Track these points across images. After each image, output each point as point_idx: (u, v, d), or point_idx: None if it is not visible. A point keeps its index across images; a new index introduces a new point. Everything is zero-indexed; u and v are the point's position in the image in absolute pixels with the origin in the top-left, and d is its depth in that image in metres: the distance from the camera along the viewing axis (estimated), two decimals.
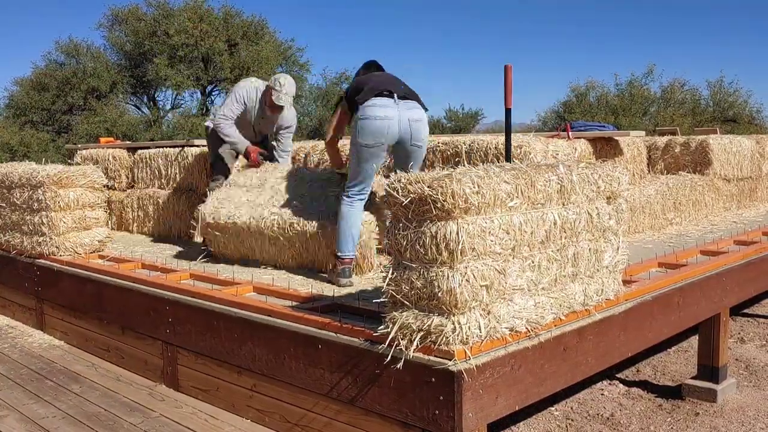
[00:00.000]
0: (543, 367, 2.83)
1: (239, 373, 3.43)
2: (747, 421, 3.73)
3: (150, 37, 21.18)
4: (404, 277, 2.56)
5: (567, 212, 2.85)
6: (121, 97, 22.61)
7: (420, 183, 2.47)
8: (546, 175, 2.76)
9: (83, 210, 5.08)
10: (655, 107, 24.24)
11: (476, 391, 2.53)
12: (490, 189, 2.51)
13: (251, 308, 3.35)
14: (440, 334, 2.48)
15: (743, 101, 23.92)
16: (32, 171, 5.13)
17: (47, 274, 5.00)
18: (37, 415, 3.56)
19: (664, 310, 3.58)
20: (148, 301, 3.98)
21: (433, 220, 2.45)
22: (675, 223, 5.99)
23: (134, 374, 4.15)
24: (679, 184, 6.15)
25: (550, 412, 3.88)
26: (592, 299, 3.04)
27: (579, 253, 2.93)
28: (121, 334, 4.27)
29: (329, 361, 2.95)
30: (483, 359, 2.55)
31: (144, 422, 3.43)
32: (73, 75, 21.35)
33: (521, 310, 2.67)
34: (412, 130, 3.81)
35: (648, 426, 3.70)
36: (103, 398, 3.77)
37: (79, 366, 4.35)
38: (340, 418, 2.95)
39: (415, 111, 3.85)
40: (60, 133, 21.55)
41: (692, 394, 4.05)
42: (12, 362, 4.43)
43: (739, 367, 4.59)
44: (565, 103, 25.11)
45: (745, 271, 4.31)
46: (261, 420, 3.33)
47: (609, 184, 3.05)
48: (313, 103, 24.59)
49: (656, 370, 4.56)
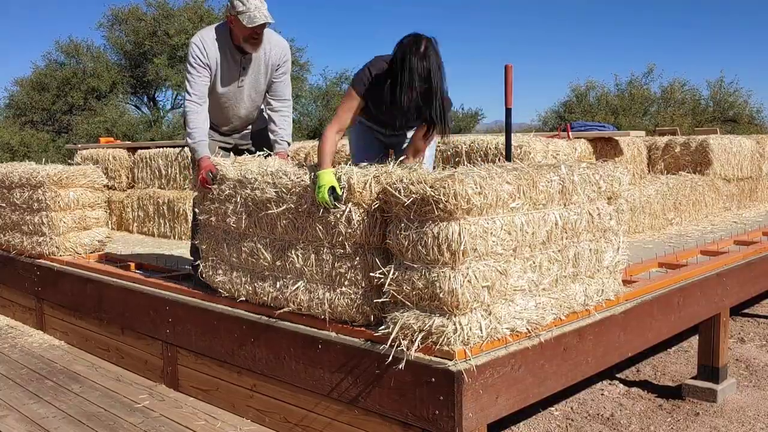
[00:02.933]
0: (543, 367, 2.83)
1: (239, 373, 3.43)
2: (747, 421, 3.73)
3: (150, 37, 21.19)
4: (405, 278, 2.56)
5: (568, 213, 2.85)
6: (121, 97, 22.64)
7: (422, 183, 2.46)
8: (548, 175, 2.76)
9: (83, 210, 5.08)
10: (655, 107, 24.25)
11: (476, 392, 2.53)
12: (492, 189, 2.51)
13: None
14: (441, 335, 2.48)
15: (743, 101, 23.94)
16: (32, 171, 5.13)
17: (47, 274, 5.00)
18: (37, 415, 3.56)
19: (664, 310, 3.58)
20: (148, 301, 3.98)
21: (435, 221, 2.45)
22: (675, 223, 5.99)
23: (134, 374, 4.15)
24: (680, 184, 6.16)
25: (550, 413, 3.88)
26: (592, 299, 3.04)
27: (580, 253, 2.93)
28: (121, 334, 4.27)
29: (330, 361, 2.95)
30: (483, 359, 2.55)
31: (144, 422, 3.43)
32: (73, 75, 21.37)
33: (522, 310, 2.67)
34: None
35: (648, 426, 3.70)
36: (103, 398, 3.77)
37: (79, 366, 4.35)
38: (341, 418, 2.95)
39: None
40: (60, 133, 21.56)
41: (692, 394, 4.05)
42: (12, 362, 4.43)
43: (740, 367, 4.59)
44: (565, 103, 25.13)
45: (745, 271, 4.31)
46: (261, 420, 3.33)
47: (610, 185, 3.06)
48: (313, 103, 24.59)
49: (656, 370, 4.57)
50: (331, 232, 2.86)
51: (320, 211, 2.88)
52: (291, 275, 3.08)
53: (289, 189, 3.01)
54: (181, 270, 4.33)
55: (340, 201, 2.81)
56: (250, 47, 3.64)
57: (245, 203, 3.23)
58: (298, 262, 3.02)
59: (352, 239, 2.80)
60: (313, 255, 2.97)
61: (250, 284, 3.28)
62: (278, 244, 3.12)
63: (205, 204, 3.48)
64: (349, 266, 2.84)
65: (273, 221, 3.11)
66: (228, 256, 3.39)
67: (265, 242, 3.18)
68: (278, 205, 3.06)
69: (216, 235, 3.46)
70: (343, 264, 2.85)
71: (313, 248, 2.97)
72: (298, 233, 3.02)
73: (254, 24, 3.50)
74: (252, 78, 3.80)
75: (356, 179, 2.75)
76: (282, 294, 3.11)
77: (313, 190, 2.89)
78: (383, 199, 2.71)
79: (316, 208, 2.89)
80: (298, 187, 2.98)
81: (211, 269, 3.51)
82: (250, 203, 3.21)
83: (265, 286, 3.20)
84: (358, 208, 2.77)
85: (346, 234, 2.80)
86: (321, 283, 2.96)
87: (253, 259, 3.23)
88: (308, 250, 2.99)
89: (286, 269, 3.09)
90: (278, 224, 3.08)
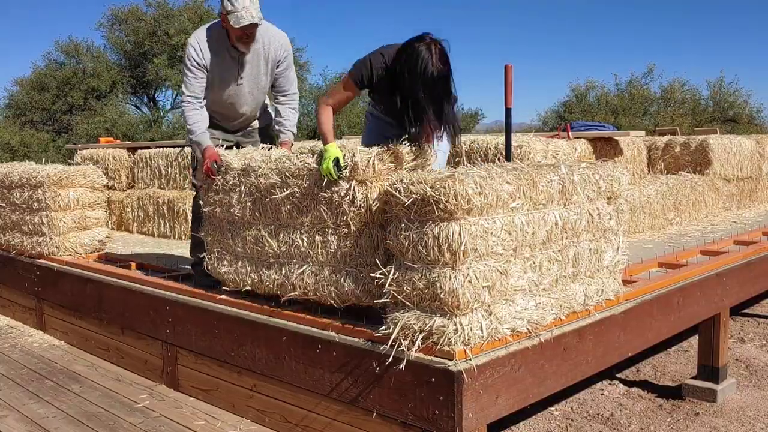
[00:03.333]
0: (543, 367, 2.84)
1: (239, 373, 3.43)
2: (747, 421, 3.73)
3: (150, 37, 21.18)
4: (406, 278, 2.56)
5: (568, 213, 2.85)
6: (121, 97, 22.62)
7: (422, 183, 2.47)
8: (548, 175, 2.77)
9: (83, 210, 5.08)
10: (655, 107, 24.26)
11: (476, 391, 2.53)
12: (493, 190, 2.51)
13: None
14: (442, 335, 2.48)
15: (743, 101, 23.94)
16: (32, 171, 5.13)
17: (47, 274, 5.00)
18: (37, 415, 3.56)
19: (664, 310, 3.58)
20: (148, 301, 3.98)
21: (436, 221, 2.45)
22: (675, 223, 5.99)
23: (134, 374, 4.15)
24: (679, 184, 6.16)
25: (550, 412, 3.88)
26: (592, 299, 3.04)
27: (580, 253, 2.94)
28: (121, 334, 4.27)
29: (330, 361, 2.95)
30: (483, 359, 2.55)
31: (144, 422, 3.43)
32: (73, 75, 21.35)
33: (522, 310, 2.67)
34: None
35: (648, 426, 3.70)
36: (103, 398, 3.77)
37: (79, 366, 4.35)
38: (341, 418, 2.95)
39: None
40: (60, 133, 21.55)
41: (692, 394, 4.05)
42: (12, 362, 4.43)
43: (739, 367, 4.59)
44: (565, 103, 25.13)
45: (745, 271, 4.31)
46: (261, 420, 3.33)
47: (610, 185, 3.06)
48: (313, 103, 24.57)
49: (656, 370, 4.57)
50: (336, 212, 2.89)
51: (324, 182, 2.91)
52: (296, 260, 3.11)
53: (293, 173, 3.05)
54: (181, 270, 4.33)
55: (343, 173, 2.84)
56: (243, 46, 3.64)
57: (249, 191, 3.26)
58: (303, 246, 3.04)
59: (356, 218, 2.83)
60: (318, 237, 2.99)
61: (255, 273, 3.30)
62: (283, 229, 3.15)
63: (209, 195, 3.49)
64: (354, 244, 2.86)
65: (277, 207, 3.13)
66: (233, 246, 3.40)
67: (270, 229, 3.20)
68: (282, 190, 3.08)
69: (221, 226, 3.47)
70: (348, 242, 2.88)
71: (318, 230, 3.00)
72: (302, 217, 3.04)
73: (240, 24, 3.48)
74: (251, 74, 3.77)
75: (360, 156, 2.79)
76: (288, 280, 3.13)
77: (319, 164, 2.93)
78: (383, 200, 2.72)
79: (320, 188, 2.93)
80: (302, 171, 3.02)
81: (216, 261, 3.52)
82: (254, 191, 3.24)
83: (270, 273, 3.22)
84: (362, 186, 2.79)
85: (351, 213, 2.83)
86: (326, 265, 2.98)
87: (259, 247, 3.25)
88: (313, 233, 3.01)
89: (292, 254, 3.11)
90: (282, 209, 3.11)
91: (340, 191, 2.87)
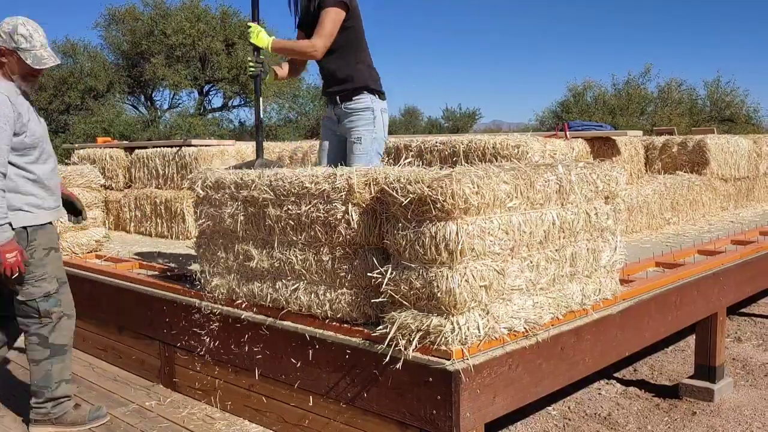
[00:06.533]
0: (540, 366, 2.84)
1: (237, 372, 3.42)
2: (744, 420, 3.74)
3: (147, 36, 21.16)
4: (403, 278, 2.56)
5: (565, 212, 2.85)
6: (119, 96, 22.58)
7: (419, 183, 2.46)
8: (545, 175, 2.77)
9: None
10: (653, 107, 24.32)
11: (474, 391, 2.54)
12: (490, 189, 2.51)
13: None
14: (439, 335, 2.48)
15: (740, 101, 24.02)
16: None
17: None
18: None
19: (662, 309, 3.59)
20: (146, 301, 3.97)
21: (433, 221, 2.45)
22: (672, 223, 6.00)
23: (132, 374, 4.14)
24: (677, 183, 6.17)
25: (547, 412, 3.89)
26: (589, 299, 3.04)
27: (577, 252, 2.94)
28: (119, 334, 4.27)
29: (328, 361, 2.95)
30: (480, 359, 2.55)
31: (142, 422, 3.42)
32: (70, 75, 21.31)
33: (520, 310, 2.68)
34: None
35: (645, 425, 3.71)
36: (101, 398, 3.76)
37: (76, 366, 4.32)
38: (339, 418, 2.95)
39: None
40: (57, 133, 21.47)
41: (689, 393, 4.06)
42: (9, 362, 4.42)
43: (736, 366, 4.60)
44: (563, 102, 25.18)
45: (742, 270, 4.32)
46: (259, 420, 3.33)
47: (607, 184, 3.06)
48: (310, 103, 24.56)
49: (653, 369, 4.57)
50: (331, 233, 2.86)
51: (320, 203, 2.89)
52: (290, 277, 3.08)
53: (288, 191, 3.01)
54: (179, 270, 4.32)
55: (257, 69, 3.69)
56: (28, 86, 3.20)
57: (243, 207, 3.23)
58: (297, 264, 3.01)
59: (352, 240, 2.80)
60: (312, 256, 2.96)
61: (247, 287, 3.28)
62: (276, 246, 3.12)
63: (202, 209, 3.48)
64: (349, 267, 2.84)
65: (270, 224, 3.11)
66: (225, 260, 3.38)
67: (263, 245, 3.18)
68: (276, 207, 3.06)
69: (213, 240, 3.46)
70: (343, 265, 2.85)
71: (312, 249, 2.97)
72: (296, 235, 3.01)
73: (43, 66, 3.14)
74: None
75: (356, 179, 2.75)
76: (281, 296, 3.11)
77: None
78: (380, 199, 2.71)
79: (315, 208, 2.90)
80: (296, 188, 2.98)
81: (209, 275, 3.51)
82: (248, 206, 3.21)
83: (263, 288, 3.20)
84: (358, 208, 2.77)
85: (346, 235, 2.80)
86: (321, 284, 2.96)
87: (251, 263, 3.23)
88: (307, 252, 2.99)
89: (285, 271, 3.09)
90: (276, 227, 3.08)
91: (336, 213, 2.82)
